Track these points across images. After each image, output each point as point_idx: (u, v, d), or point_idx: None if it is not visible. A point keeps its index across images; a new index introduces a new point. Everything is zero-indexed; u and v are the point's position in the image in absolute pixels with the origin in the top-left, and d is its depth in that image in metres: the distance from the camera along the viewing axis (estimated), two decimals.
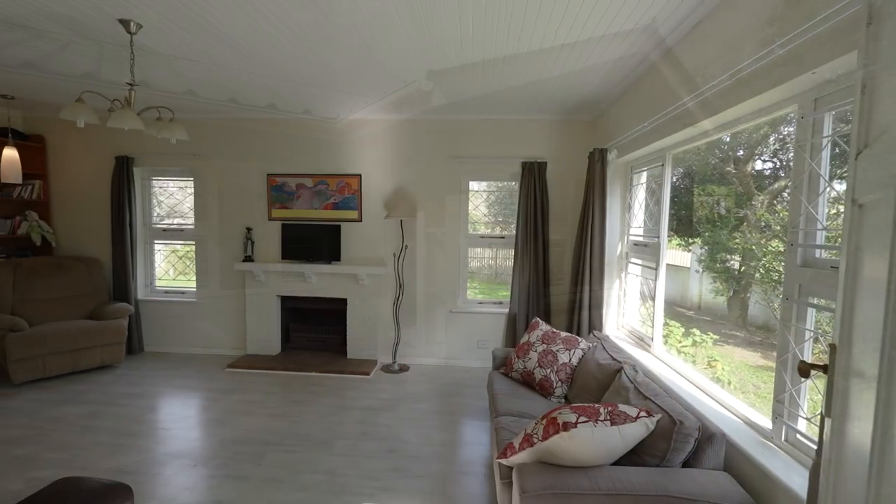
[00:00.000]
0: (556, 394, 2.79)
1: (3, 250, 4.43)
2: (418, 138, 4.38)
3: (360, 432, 3.07)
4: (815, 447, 1.57)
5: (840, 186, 1.79)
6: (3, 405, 3.37)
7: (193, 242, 4.75)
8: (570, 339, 2.96)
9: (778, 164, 4.20)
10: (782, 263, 2.51)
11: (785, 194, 3.84)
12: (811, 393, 1.82)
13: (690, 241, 5.10)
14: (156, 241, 4.89)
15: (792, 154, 1.86)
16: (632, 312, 3.55)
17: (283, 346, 4.71)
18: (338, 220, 4.52)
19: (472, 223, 4.58)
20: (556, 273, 4.33)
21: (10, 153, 4.06)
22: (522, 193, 4.17)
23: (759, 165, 4.33)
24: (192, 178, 4.68)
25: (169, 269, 5.11)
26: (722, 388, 2.31)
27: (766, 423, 1.86)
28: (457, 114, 4.23)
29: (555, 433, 1.68)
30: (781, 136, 3.94)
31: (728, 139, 4.24)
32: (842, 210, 1.82)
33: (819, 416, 1.04)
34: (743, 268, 4.37)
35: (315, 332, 4.76)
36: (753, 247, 4.16)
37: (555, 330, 3.09)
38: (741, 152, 4.33)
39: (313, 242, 4.50)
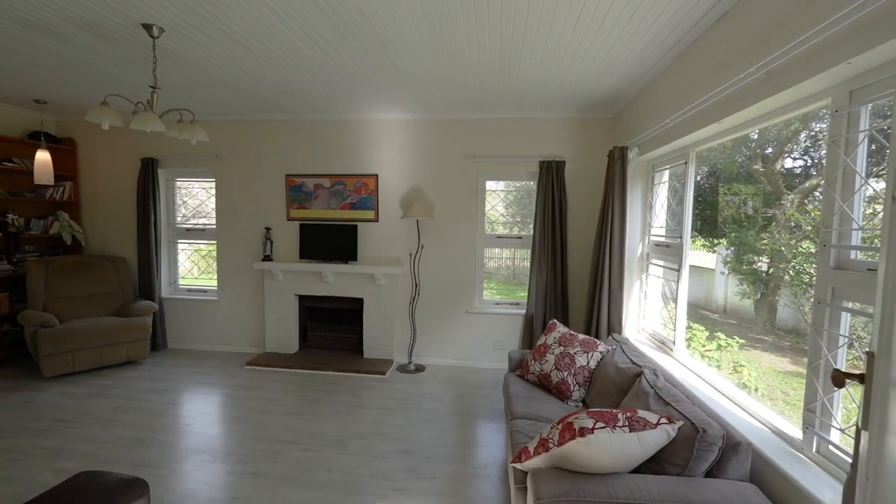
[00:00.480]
0: (574, 397, 2.73)
1: (36, 249, 4.62)
2: (435, 138, 4.37)
3: (374, 432, 3.07)
4: (849, 460, 1.49)
5: (878, 184, 1.69)
6: (34, 398, 3.50)
7: (215, 242, 4.85)
8: (588, 341, 2.89)
9: (809, 161, 4.03)
10: (814, 265, 2.40)
11: (817, 193, 3.67)
12: (845, 401, 1.72)
13: (715, 241, 4.95)
14: (179, 241, 5.01)
15: (824, 151, 1.76)
16: (653, 315, 3.45)
17: (300, 344, 4.76)
18: (355, 219, 4.54)
19: (489, 223, 4.54)
20: (574, 274, 4.25)
21: (43, 156, 4.22)
22: (540, 193, 4.10)
23: (788, 163, 4.16)
24: (213, 179, 4.78)
25: (193, 267, 5.23)
26: (748, 394, 2.22)
27: (796, 432, 1.77)
28: (473, 113, 4.20)
29: (571, 439, 1.64)
30: (813, 133, 3.78)
31: (756, 136, 4.10)
32: (879, 209, 1.72)
33: (854, 428, 0.97)
34: (771, 269, 4.21)
35: (332, 331, 4.79)
36: (783, 248, 4.00)
37: (572, 332, 3.03)
38: (770, 149, 4.17)
39: (331, 242, 4.53)
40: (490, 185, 4.51)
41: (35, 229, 4.57)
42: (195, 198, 5.05)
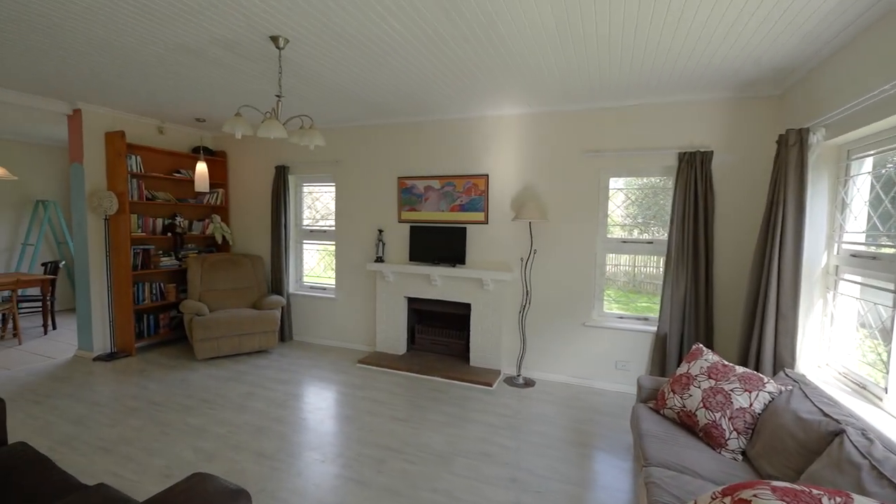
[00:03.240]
0: (730, 447, 2.16)
1: (196, 247, 5.38)
2: (551, 133, 4.00)
3: (481, 451, 2.84)
4: None
5: None
6: (188, 377, 4.01)
7: (334, 243, 5.12)
8: (750, 376, 2.28)
9: None
10: None
11: None
12: None
13: None
14: (304, 241, 5.42)
15: None
16: (844, 346, 2.64)
17: (408, 346, 4.77)
18: (464, 222, 4.39)
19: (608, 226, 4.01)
20: (722, 288, 3.52)
21: (202, 167, 4.88)
22: (678, 190, 3.47)
23: None
24: (333, 184, 5.05)
25: (319, 263, 5.61)
26: None
27: None
28: (596, 101, 3.73)
29: None
30: None
31: None
32: None
33: None
34: None
35: (439, 335, 4.71)
36: None
37: (726, 362, 2.43)
38: None
39: (439, 245, 4.45)
40: (613, 182, 3.97)
41: (195, 230, 5.33)
42: (318, 201, 5.41)
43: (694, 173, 3.41)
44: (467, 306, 4.41)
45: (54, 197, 6.62)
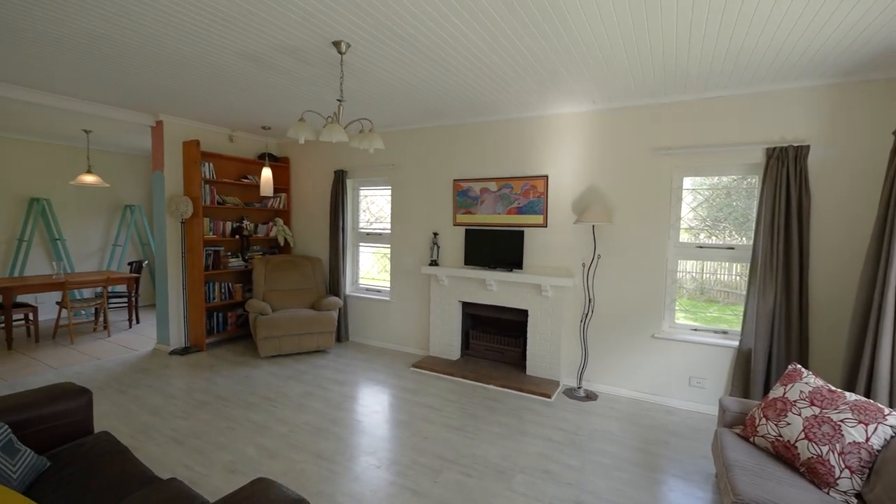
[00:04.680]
0: (840, 487, 1.86)
1: (260, 249, 5.63)
2: (618, 130, 3.75)
3: (541, 468, 2.68)
4: None
5: None
6: (251, 374, 4.18)
7: (389, 246, 5.15)
8: (865, 406, 1.96)
9: None
10: None
11: None
12: None
13: None
14: (361, 244, 5.50)
15: None
16: None
17: (462, 351, 4.69)
18: (521, 225, 4.24)
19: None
20: (820, 301, 3.10)
21: (267, 173, 5.09)
22: (766, 190, 3.11)
23: None
24: (389, 187, 5.09)
25: (371, 268, 5.69)
26: None
27: None
28: (669, 95, 3.45)
29: None
30: None
31: None
32: None
33: None
34: None
35: (494, 341, 4.58)
36: None
37: (833, 388, 2.11)
38: None
39: (495, 248, 4.33)
40: (686, 182, 3.65)
41: (260, 233, 5.59)
42: (375, 204, 5.47)
43: (786, 171, 3.04)
44: (524, 313, 4.25)
45: (139, 202, 7.24)
